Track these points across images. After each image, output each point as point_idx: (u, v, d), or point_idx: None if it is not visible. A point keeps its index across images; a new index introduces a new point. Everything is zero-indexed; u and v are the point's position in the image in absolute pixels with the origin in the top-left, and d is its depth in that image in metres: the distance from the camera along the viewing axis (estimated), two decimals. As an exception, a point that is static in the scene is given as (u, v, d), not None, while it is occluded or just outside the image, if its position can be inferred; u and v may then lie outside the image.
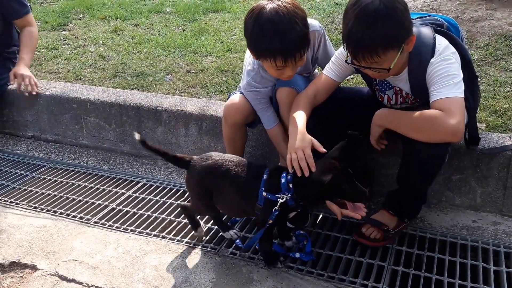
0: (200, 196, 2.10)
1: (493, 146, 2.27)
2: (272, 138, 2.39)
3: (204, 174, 2.05)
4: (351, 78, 3.36)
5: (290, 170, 1.93)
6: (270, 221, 1.93)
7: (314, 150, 1.94)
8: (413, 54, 1.93)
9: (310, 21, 2.23)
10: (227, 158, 2.09)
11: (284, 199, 1.91)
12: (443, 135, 1.82)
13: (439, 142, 1.85)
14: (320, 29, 2.26)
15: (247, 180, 1.99)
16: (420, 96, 2.01)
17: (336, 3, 5.13)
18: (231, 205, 2.08)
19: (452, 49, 1.93)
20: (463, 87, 1.86)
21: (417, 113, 1.87)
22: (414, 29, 1.90)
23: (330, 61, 2.21)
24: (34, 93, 3.25)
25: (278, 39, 2.00)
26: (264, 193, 1.94)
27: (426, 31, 1.96)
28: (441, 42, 1.93)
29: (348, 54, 1.88)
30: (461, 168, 2.33)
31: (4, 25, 3.37)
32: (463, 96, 1.84)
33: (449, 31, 2.08)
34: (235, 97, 2.40)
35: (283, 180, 1.94)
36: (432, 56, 1.89)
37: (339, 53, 2.16)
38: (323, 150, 1.92)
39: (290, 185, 1.92)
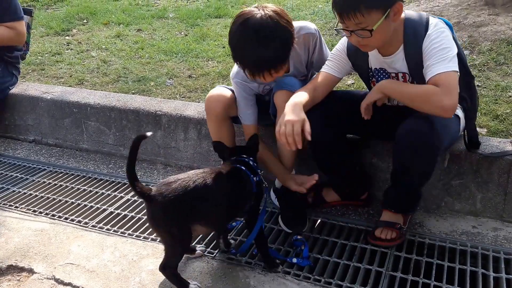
0: (179, 231, 1.84)
1: (494, 151, 2.26)
2: (246, 136, 2.36)
3: (177, 201, 1.79)
4: (352, 84, 3.36)
5: (280, 141, 1.93)
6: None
7: None
8: (408, 29, 1.97)
9: (305, 24, 2.24)
10: (190, 174, 1.88)
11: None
12: (437, 111, 1.86)
13: (433, 114, 1.90)
14: (315, 32, 2.25)
15: (231, 178, 1.97)
16: (417, 75, 2.01)
17: (339, 9, 5.13)
18: (219, 216, 1.96)
19: (446, 26, 1.96)
20: (457, 61, 1.89)
21: (417, 86, 1.96)
22: (409, 12, 1.98)
23: (327, 60, 2.23)
24: None
25: (249, 53, 2.00)
26: (255, 178, 1.98)
27: (420, 13, 2.00)
28: (437, 20, 1.96)
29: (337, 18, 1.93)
30: (461, 173, 2.31)
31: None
32: (457, 70, 1.87)
33: None
34: (216, 89, 2.38)
35: (251, 162, 2.03)
36: (427, 30, 1.91)
37: (335, 50, 2.20)
38: (309, 138, 1.89)
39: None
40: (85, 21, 5.54)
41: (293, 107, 1.96)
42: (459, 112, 2.14)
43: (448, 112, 1.85)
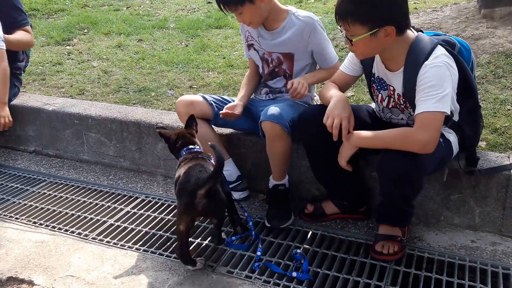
0: None
1: (492, 166, 2.27)
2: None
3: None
4: (352, 96, 3.37)
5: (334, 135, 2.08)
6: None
7: None
8: (411, 53, 2.00)
9: (305, 13, 2.46)
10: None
11: None
12: (417, 149, 1.92)
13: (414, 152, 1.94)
14: (310, 21, 2.43)
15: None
16: (411, 99, 2.03)
17: (339, 20, 5.16)
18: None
19: (450, 61, 1.95)
20: (448, 101, 1.91)
21: (390, 131, 2.04)
22: (421, 36, 2.02)
23: (346, 58, 2.35)
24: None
25: None
26: None
27: (431, 38, 2.03)
28: (441, 51, 1.96)
29: None
30: (460, 188, 2.32)
31: None
32: (444, 110, 1.90)
33: (459, 54, 2.10)
34: (183, 96, 2.67)
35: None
36: (427, 59, 1.93)
37: (350, 52, 2.28)
38: (351, 131, 2.08)
39: None
40: (86, 30, 5.56)
41: (341, 102, 2.12)
42: (451, 137, 2.16)
43: (427, 148, 1.91)
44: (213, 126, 2.67)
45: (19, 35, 3.37)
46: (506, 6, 4.20)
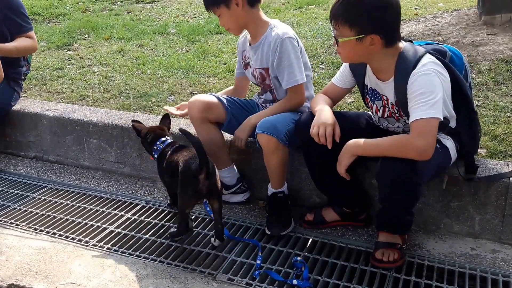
0: None
1: (491, 173, 2.28)
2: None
3: None
4: (352, 102, 3.38)
5: (317, 141, 2.15)
6: None
7: None
8: (399, 63, 2.04)
9: (282, 29, 2.43)
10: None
11: None
12: (414, 156, 1.95)
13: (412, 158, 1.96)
14: (279, 38, 2.39)
15: None
16: (404, 107, 2.06)
17: (339, 26, 5.17)
18: None
19: (439, 68, 1.99)
20: (440, 107, 1.94)
21: (386, 138, 2.05)
22: (408, 46, 2.06)
23: (338, 71, 2.39)
24: None
25: None
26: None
27: (419, 48, 2.06)
28: (429, 59, 2.00)
29: None
30: (460, 195, 2.33)
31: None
32: (437, 116, 1.93)
33: (451, 62, 2.13)
34: (197, 95, 2.62)
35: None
36: (415, 67, 1.97)
37: (343, 65, 2.36)
38: (338, 140, 2.13)
39: None
40: (86, 35, 5.58)
41: (325, 112, 2.20)
42: (448, 143, 2.18)
43: (425, 154, 1.93)
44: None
45: (17, 42, 3.34)
46: (506, 13, 4.22)
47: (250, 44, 2.57)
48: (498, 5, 4.27)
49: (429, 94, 1.92)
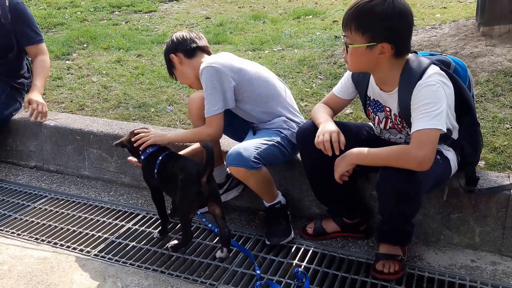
0: None
1: (492, 185, 2.30)
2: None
3: None
4: (350, 113, 3.40)
5: (323, 149, 2.14)
6: None
7: None
8: (404, 73, 2.04)
9: (207, 60, 2.48)
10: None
11: None
12: (413, 166, 1.95)
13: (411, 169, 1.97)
14: (201, 68, 2.44)
15: None
16: (406, 119, 2.07)
17: (336, 36, 5.22)
18: None
19: (444, 79, 1.99)
20: (443, 118, 1.94)
21: (386, 148, 2.05)
22: (413, 57, 2.06)
23: (339, 81, 2.40)
24: (41, 120, 3.34)
25: None
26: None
27: (424, 59, 2.07)
28: (434, 70, 2.00)
29: None
30: (460, 207, 2.35)
31: (18, 53, 3.44)
32: (439, 127, 1.93)
33: (455, 73, 2.14)
34: (195, 92, 2.66)
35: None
36: (420, 78, 1.97)
37: (346, 73, 2.37)
38: (343, 147, 2.12)
39: None
40: (85, 45, 5.59)
41: (330, 123, 2.21)
42: (449, 154, 2.19)
43: (423, 165, 1.93)
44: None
45: (41, 72, 3.46)
46: (505, 24, 4.26)
47: None
48: (496, 16, 4.30)
49: (433, 105, 1.92)
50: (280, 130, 2.46)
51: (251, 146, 2.32)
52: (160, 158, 2.47)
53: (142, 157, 2.55)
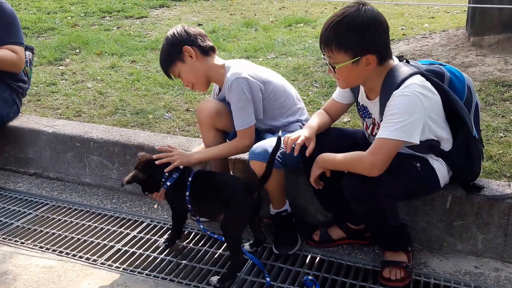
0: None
1: (494, 193, 2.35)
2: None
3: None
4: (348, 121, 3.45)
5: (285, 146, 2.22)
6: None
7: None
8: (385, 83, 2.08)
9: (234, 69, 2.44)
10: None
11: None
12: (364, 171, 2.04)
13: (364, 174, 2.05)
14: (228, 80, 2.41)
15: None
16: None
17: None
18: None
19: (425, 90, 1.99)
20: (410, 129, 1.96)
21: (346, 154, 2.12)
22: (400, 65, 2.09)
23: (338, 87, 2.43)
24: None
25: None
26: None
27: (409, 68, 2.07)
28: (415, 81, 2.00)
29: None
30: (463, 215, 2.40)
31: None
32: (400, 139, 1.97)
33: (450, 85, 2.16)
34: (205, 100, 2.64)
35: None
36: (397, 88, 1.99)
37: None
38: (307, 155, 2.19)
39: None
40: (77, 50, 5.56)
41: (309, 128, 2.28)
42: (435, 164, 2.20)
43: (372, 171, 2.02)
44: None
45: (2, 51, 3.23)
46: (494, 35, 4.35)
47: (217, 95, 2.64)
48: (486, 26, 4.41)
49: (400, 116, 1.95)
50: None
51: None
52: (190, 179, 2.34)
53: (168, 183, 2.34)
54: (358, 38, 1.97)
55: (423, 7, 7.14)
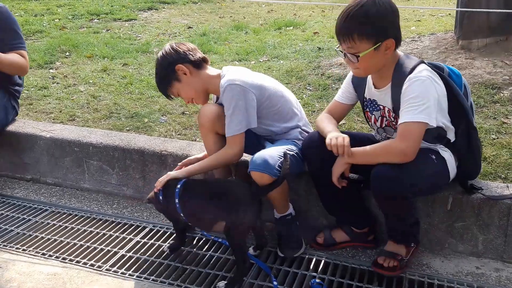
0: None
1: (493, 194, 2.40)
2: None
3: None
4: (343, 123, 3.48)
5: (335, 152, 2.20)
6: None
7: None
8: (397, 68, 2.13)
9: (229, 75, 2.44)
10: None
11: None
12: (398, 158, 2.07)
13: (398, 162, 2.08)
14: (222, 84, 2.41)
15: None
16: (399, 113, 2.15)
17: (319, 48, 5.32)
18: None
19: (435, 76, 2.08)
20: (431, 113, 2.03)
21: (374, 145, 2.17)
22: (404, 55, 2.17)
23: (340, 89, 2.48)
24: None
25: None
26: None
27: (414, 57, 2.17)
28: (424, 68, 2.09)
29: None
30: (463, 216, 2.45)
31: None
32: (425, 121, 2.03)
33: (448, 77, 2.21)
34: (206, 104, 2.59)
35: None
36: (411, 73, 2.06)
37: (346, 79, 2.46)
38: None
39: None
40: (67, 53, 5.52)
41: (337, 131, 2.30)
42: (446, 154, 2.25)
43: (406, 157, 2.05)
44: None
45: (12, 56, 3.22)
46: (482, 38, 4.44)
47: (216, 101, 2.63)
48: (474, 30, 4.48)
49: (421, 99, 2.02)
50: (295, 141, 2.51)
51: (275, 154, 2.29)
52: (179, 186, 2.37)
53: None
54: (379, 25, 2.03)
55: (409, 10, 7.22)
